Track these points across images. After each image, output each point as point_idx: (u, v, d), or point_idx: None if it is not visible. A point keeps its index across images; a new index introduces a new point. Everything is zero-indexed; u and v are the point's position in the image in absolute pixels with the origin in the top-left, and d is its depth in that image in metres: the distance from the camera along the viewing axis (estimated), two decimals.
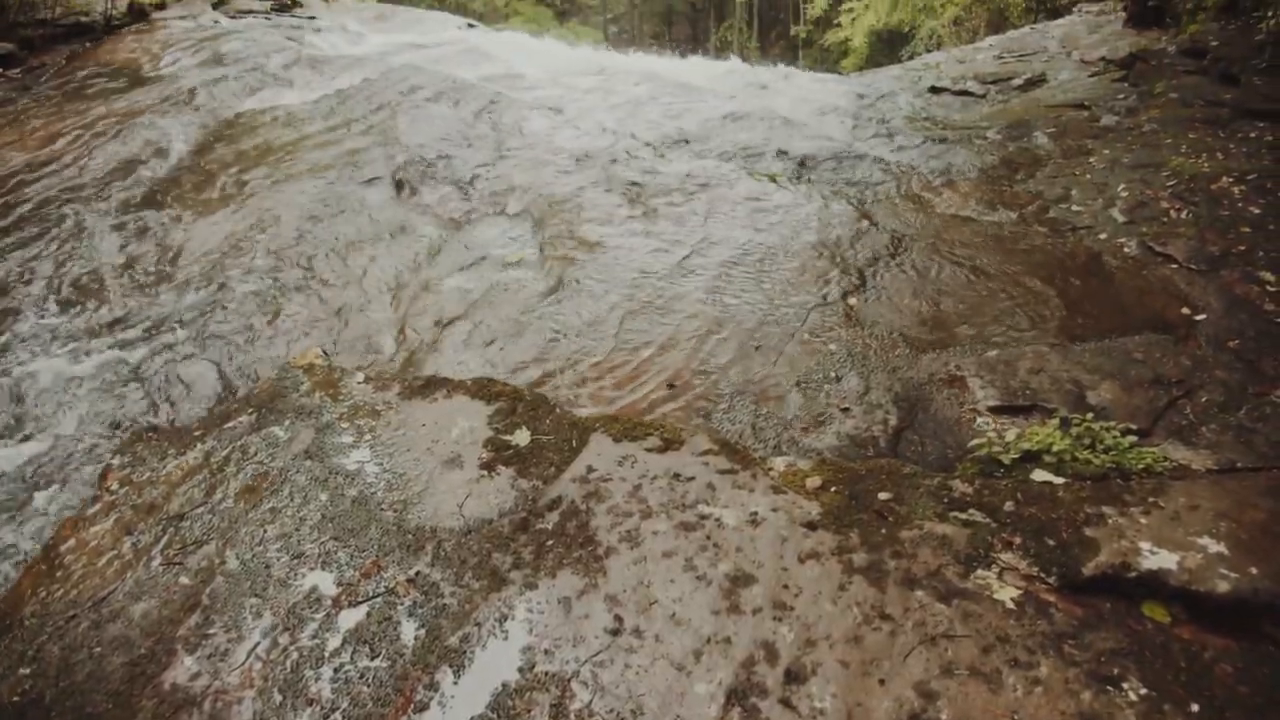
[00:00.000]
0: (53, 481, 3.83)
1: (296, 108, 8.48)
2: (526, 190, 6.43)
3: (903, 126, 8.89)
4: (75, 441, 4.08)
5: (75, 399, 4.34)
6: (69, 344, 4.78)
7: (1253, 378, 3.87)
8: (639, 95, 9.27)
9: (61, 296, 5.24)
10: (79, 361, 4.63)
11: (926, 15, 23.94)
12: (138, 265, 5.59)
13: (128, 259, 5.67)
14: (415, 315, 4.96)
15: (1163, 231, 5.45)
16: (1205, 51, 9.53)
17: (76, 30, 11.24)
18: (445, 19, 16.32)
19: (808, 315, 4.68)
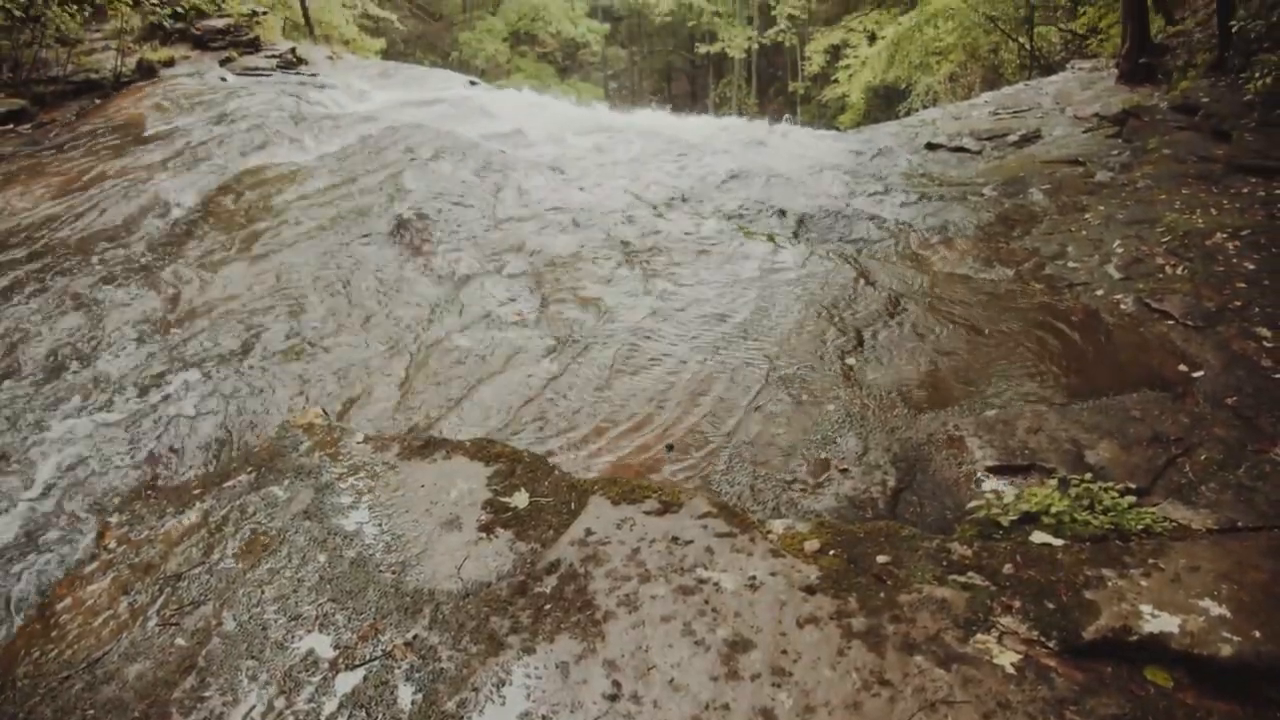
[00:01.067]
0: (50, 539, 3.81)
1: (300, 165, 8.57)
2: (526, 249, 6.49)
3: (900, 183, 8.98)
4: (74, 499, 4.07)
5: (74, 455, 4.34)
6: (70, 400, 4.78)
7: (1252, 435, 3.87)
8: (638, 153, 9.38)
9: (63, 352, 5.26)
10: (79, 418, 4.64)
11: (922, 72, 24.27)
12: (139, 322, 5.61)
13: (129, 316, 5.69)
14: (415, 374, 4.98)
15: (1159, 287, 5.48)
16: (1197, 108, 9.65)
17: (87, 86, 11.41)
18: (448, 76, 16.54)
19: (806, 375, 4.70)
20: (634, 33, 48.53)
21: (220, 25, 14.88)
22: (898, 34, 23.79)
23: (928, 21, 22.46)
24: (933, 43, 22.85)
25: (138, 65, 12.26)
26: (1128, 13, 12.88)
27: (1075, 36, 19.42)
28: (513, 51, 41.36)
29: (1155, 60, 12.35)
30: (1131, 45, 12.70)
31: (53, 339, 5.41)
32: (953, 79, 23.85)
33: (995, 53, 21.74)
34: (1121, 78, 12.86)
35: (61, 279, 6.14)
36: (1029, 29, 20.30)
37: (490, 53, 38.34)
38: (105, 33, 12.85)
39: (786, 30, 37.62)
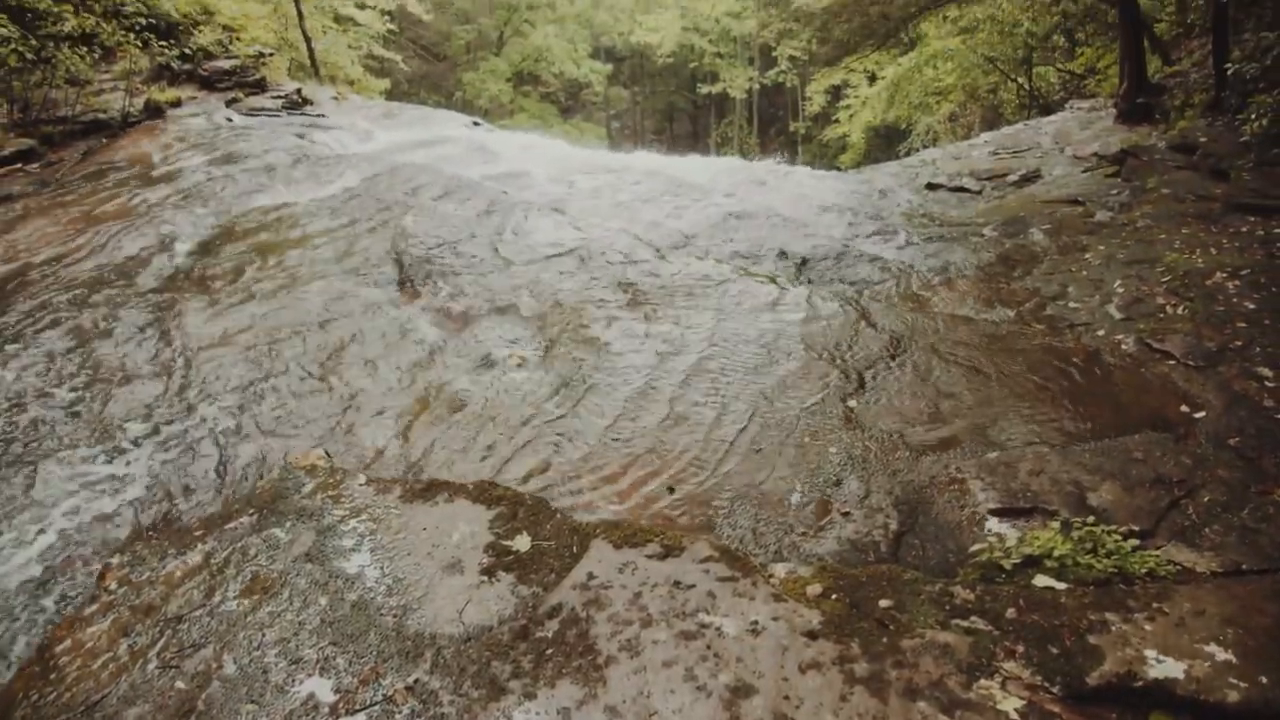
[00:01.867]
0: (51, 580, 3.80)
1: (304, 205, 8.62)
2: (530, 291, 6.51)
3: (901, 224, 9.02)
4: (75, 539, 4.06)
5: (76, 496, 4.33)
6: (72, 441, 4.78)
7: (1255, 476, 3.86)
8: (641, 194, 9.43)
9: (66, 392, 5.27)
10: (81, 459, 4.64)
11: (922, 112, 24.49)
12: (143, 362, 5.62)
13: (133, 356, 5.71)
14: (418, 416, 4.98)
15: (1160, 328, 5.49)
16: (1195, 147, 9.72)
17: (95, 126, 11.50)
18: (451, 117, 16.66)
19: (808, 417, 4.71)
20: (636, 73, 48.99)
21: (227, 66, 15.03)
22: (898, 75, 24.04)
23: (927, 62, 22.70)
24: (932, 83, 23.08)
25: (145, 105, 12.39)
26: (1125, 53, 13.02)
27: (1073, 76, 19.61)
28: (516, 91, 41.74)
29: (1153, 100, 12.46)
30: (1129, 85, 12.83)
31: (55, 379, 5.42)
32: (952, 119, 24.05)
33: (994, 93, 21.94)
34: (1120, 117, 12.97)
35: (66, 319, 6.16)
36: (1028, 69, 20.49)
37: (494, 93, 38.71)
38: (114, 73, 12.98)
39: (787, 71, 38.04)
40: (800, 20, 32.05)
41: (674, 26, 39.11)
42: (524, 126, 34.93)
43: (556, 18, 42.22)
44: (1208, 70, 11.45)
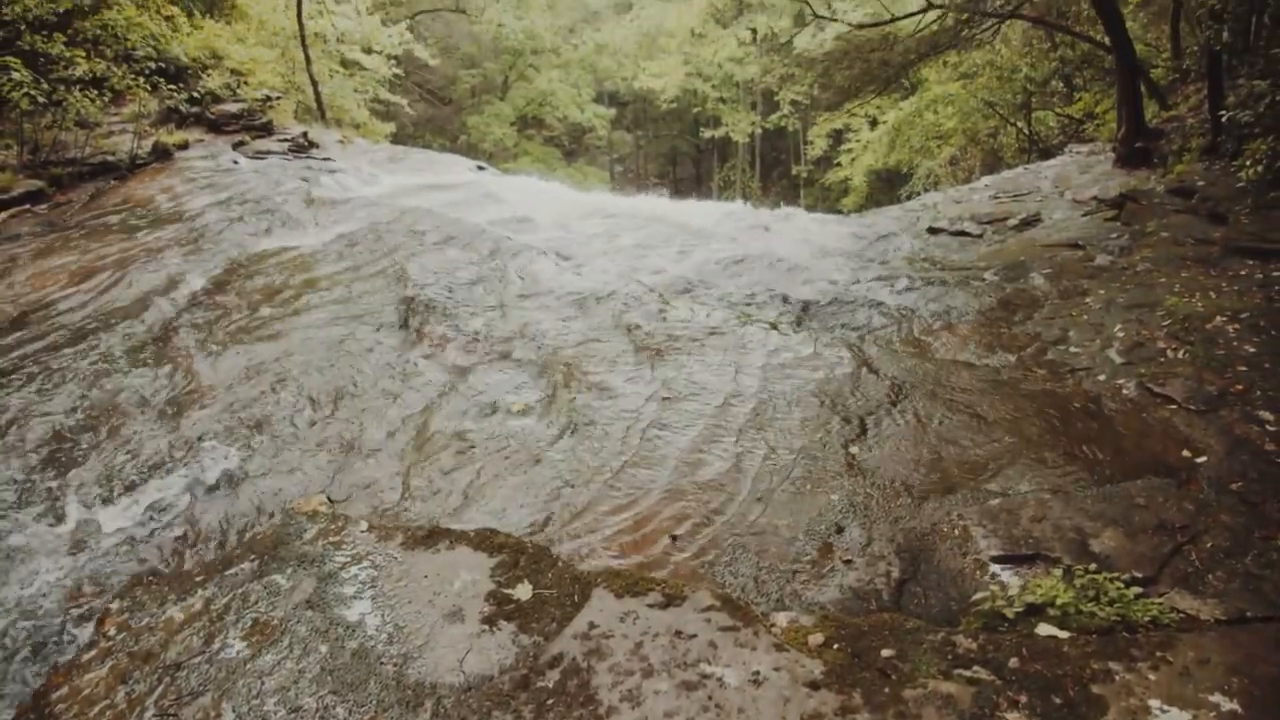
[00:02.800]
0: (49, 625, 3.79)
1: (309, 249, 8.68)
2: (533, 337, 6.55)
3: (902, 268, 9.07)
4: (74, 584, 4.06)
5: (76, 539, 4.33)
6: (73, 483, 4.79)
7: (1258, 522, 3.85)
8: (644, 239, 9.50)
9: (69, 435, 5.28)
10: (82, 501, 4.64)
11: (923, 156, 24.67)
12: (144, 406, 5.64)
13: (134, 400, 5.73)
14: (421, 463, 4.99)
15: (1160, 372, 5.50)
16: (1193, 191, 9.78)
17: (103, 168, 11.62)
18: (456, 161, 16.80)
19: (810, 463, 4.71)
20: (639, 117, 49.45)
21: (234, 110, 15.22)
22: (899, 119, 24.26)
23: (928, 107, 22.92)
24: (933, 127, 23.27)
25: (153, 148, 12.54)
26: (1123, 98, 13.13)
27: (1072, 121, 19.76)
28: (520, 135, 42.13)
29: (1151, 144, 12.55)
30: (1127, 130, 12.92)
31: (59, 421, 5.44)
32: (953, 162, 24.22)
33: (994, 137, 22.10)
34: (1118, 161, 13.06)
35: (69, 361, 6.19)
36: (1027, 114, 20.66)
37: (498, 136, 39.06)
38: (123, 116, 13.15)
39: (789, 115, 38.37)
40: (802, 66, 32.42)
41: (677, 72, 39.53)
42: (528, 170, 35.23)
43: (561, 63, 42.76)
44: (1204, 115, 11.55)
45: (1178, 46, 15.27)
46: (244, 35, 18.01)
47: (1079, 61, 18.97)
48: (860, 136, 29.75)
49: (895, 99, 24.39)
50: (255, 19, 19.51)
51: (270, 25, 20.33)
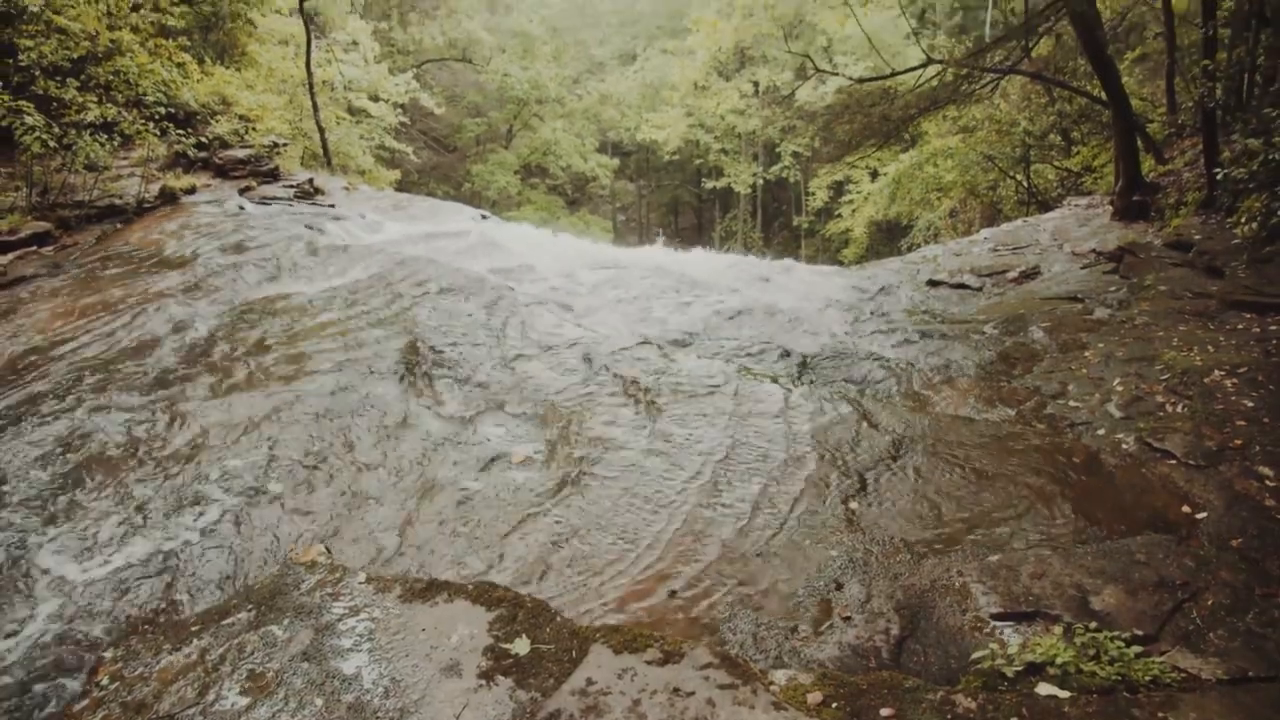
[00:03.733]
0: (41, 674, 3.76)
1: (312, 296, 8.71)
2: (534, 388, 6.57)
3: (902, 321, 9.10)
4: (68, 632, 4.03)
5: (71, 587, 4.31)
6: (70, 530, 4.78)
7: (1259, 579, 3.85)
8: (645, 290, 9.55)
9: (66, 480, 5.27)
10: (78, 549, 4.62)
11: (924, 208, 24.83)
12: (145, 452, 5.64)
13: (135, 444, 5.73)
14: (419, 514, 4.99)
15: (1159, 427, 5.51)
16: (1190, 245, 9.85)
17: (110, 211, 11.72)
18: (460, 209, 16.89)
19: (809, 519, 4.71)
20: (642, 167, 49.92)
21: (242, 155, 15.38)
22: (899, 172, 24.48)
23: (928, 160, 23.12)
24: (933, 180, 23.45)
25: (160, 192, 12.66)
26: (1119, 153, 13.26)
27: (1070, 174, 19.93)
28: (523, 184, 42.48)
29: (1148, 198, 12.65)
30: (1125, 183, 13.04)
31: (57, 466, 5.43)
32: (953, 215, 24.38)
33: (994, 189, 22.26)
34: (1116, 214, 13.15)
35: (69, 405, 6.21)
36: (1026, 167, 20.84)
37: (502, 185, 39.38)
38: (132, 160, 13.31)
39: (790, 166, 38.74)
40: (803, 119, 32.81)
41: (679, 124, 39.96)
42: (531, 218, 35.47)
43: (565, 113, 43.21)
44: (1199, 170, 11.67)
45: (1173, 102, 15.45)
46: (253, 82, 18.28)
47: (1076, 116, 19.19)
48: (861, 188, 30.00)
49: (896, 151, 24.61)
50: (265, 66, 19.83)
51: (279, 73, 20.66)
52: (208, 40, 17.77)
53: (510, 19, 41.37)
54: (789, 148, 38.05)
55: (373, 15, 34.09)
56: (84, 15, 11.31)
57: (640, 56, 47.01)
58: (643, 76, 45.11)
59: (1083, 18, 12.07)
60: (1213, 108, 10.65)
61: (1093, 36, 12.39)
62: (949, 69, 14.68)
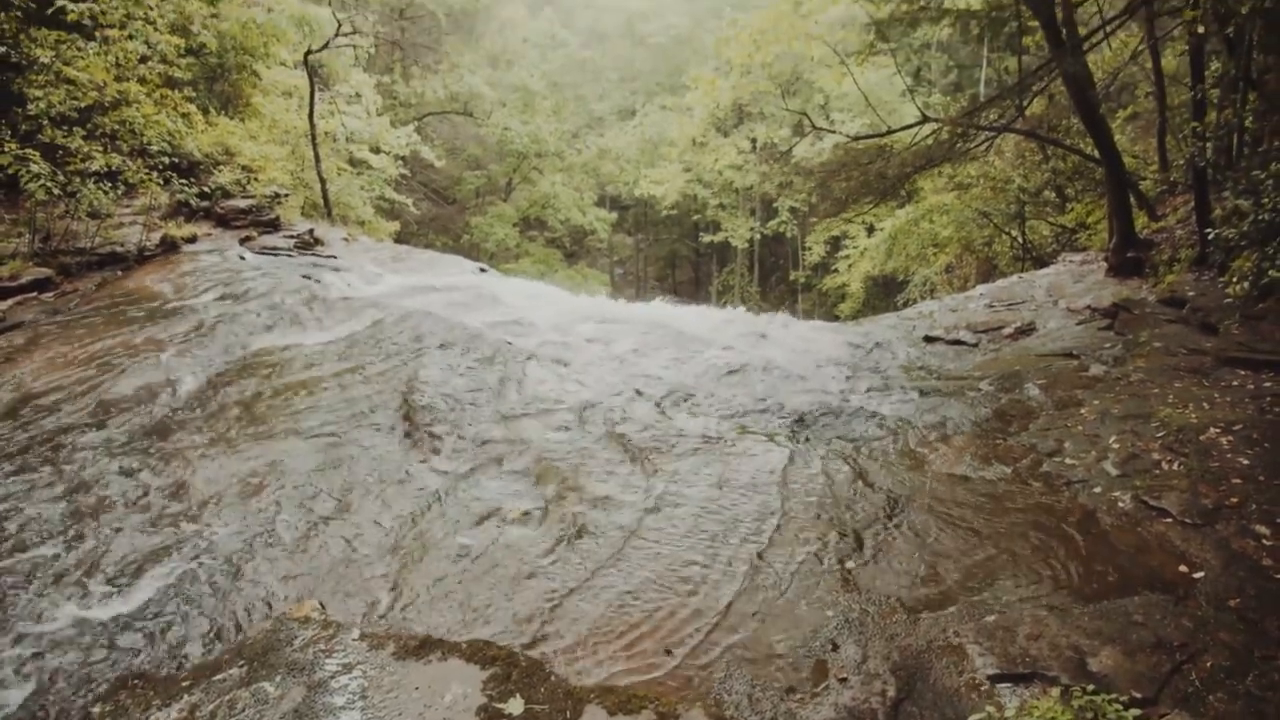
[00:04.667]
0: None
1: (311, 348, 8.74)
2: (530, 444, 6.57)
3: (898, 377, 9.13)
4: (58, 685, 4.00)
5: (61, 640, 4.28)
6: (60, 582, 4.75)
7: (1258, 640, 3.83)
8: (642, 345, 9.58)
9: (58, 531, 5.26)
10: (69, 601, 4.60)
11: (920, 263, 25.01)
12: (139, 503, 5.63)
13: (130, 496, 5.72)
14: (415, 570, 4.97)
15: (1155, 485, 5.51)
16: (1184, 301, 9.93)
17: (111, 258, 11.84)
18: (458, 262, 17.00)
19: (806, 578, 4.70)
20: (640, 221, 50.28)
21: (243, 205, 15.52)
22: (895, 227, 24.67)
23: (924, 216, 23.32)
24: (929, 236, 23.64)
25: (161, 240, 12.80)
26: (1113, 209, 13.41)
27: (1065, 230, 20.09)
28: (522, 236, 42.77)
29: (1142, 254, 12.77)
30: (1118, 240, 13.16)
31: (49, 516, 5.42)
32: (949, 270, 24.55)
33: (989, 245, 22.44)
34: (1111, 271, 13.26)
35: (63, 454, 6.22)
36: (1021, 223, 21.01)
37: (500, 237, 39.64)
38: (134, 208, 13.47)
39: (788, 221, 39.04)
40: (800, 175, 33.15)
41: (678, 180, 40.33)
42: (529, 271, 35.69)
43: (564, 167, 43.63)
44: (1192, 227, 11.80)
45: (1165, 159, 15.66)
46: (256, 133, 18.51)
47: (1070, 173, 19.39)
48: (858, 243, 30.21)
49: (892, 207, 24.81)
50: (268, 117, 20.07)
51: (282, 124, 20.91)
52: (213, 91, 18.04)
53: (511, 74, 41.94)
54: (786, 203, 38.40)
55: (376, 69, 34.57)
56: (93, 66, 11.51)
57: (639, 112, 47.55)
58: (642, 132, 45.59)
59: (1075, 78, 12.26)
60: (1203, 167, 10.80)
61: (1085, 96, 12.58)
62: (945, 127, 14.86)
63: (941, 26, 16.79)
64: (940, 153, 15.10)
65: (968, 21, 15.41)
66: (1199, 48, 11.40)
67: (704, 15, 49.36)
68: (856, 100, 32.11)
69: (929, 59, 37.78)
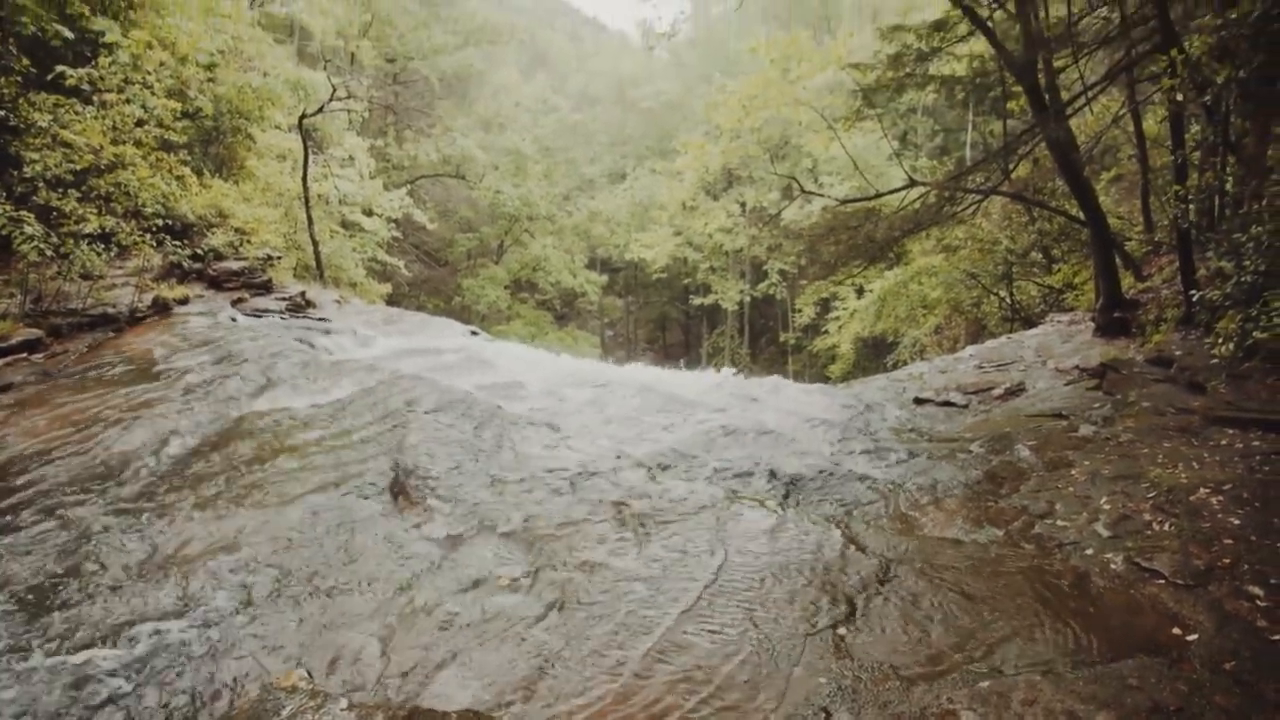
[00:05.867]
0: None
1: (301, 411, 8.73)
2: (521, 511, 6.55)
3: (889, 440, 9.15)
4: None
5: (40, 707, 4.21)
6: (41, 644, 4.69)
7: (1254, 704, 3.82)
8: (632, 410, 9.60)
9: (41, 593, 5.20)
10: (49, 667, 4.53)
11: (909, 324, 25.20)
12: (124, 568, 5.57)
13: (113, 559, 5.66)
14: (404, 637, 4.93)
15: (1147, 546, 5.52)
16: (1171, 361, 10.01)
17: (102, 320, 11.89)
18: (449, 325, 17.09)
19: (797, 646, 4.67)
20: (630, 284, 50.69)
21: (235, 267, 15.64)
22: (884, 289, 24.93)
23: (912, 278, 23.60)
24: (918, 297, 23.87)
25: (153, 301, 12.90)
26: (1099, 270, 13.58)
27: (1052, 291, 20.32)
28: (513, 298, 43.11)
29: (1128, 315, 12.91)
30: (1105, 300, 13.32)
31: (31, 578, 5.37)
32: (938, 331, 24.75)
33: (978, 306, 22.66)
34: (1098, 331, 13.39)
35: (48, 516, 6.18)
36: (1008, 284, 21.25)
37: (492, 299, 39.94)
38: (127, 270, 13.58)
39: (777, 284, 39.37)
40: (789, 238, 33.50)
41: (668, 243, 40.80)
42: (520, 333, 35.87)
43: (555, 229, 44.12)
44: (1177, 287, 11.94)
45: (1149, 220, 15.90)
46: (250, 195, 18.75)
47: (1057, 234, 19.68)
48: (847, 305, 30.49)
49: (881, 269, 25.10)
50: (262, 180, 20.33)
51: (276, 186, 21.16)
52: (208, 153, 18.27)
53: (504, 137, 42.60)
54: (776, 265, 38.79)
55: (369, 132, 35.09)
56: (90, 130, 11.70)
57: (630, 175, 48.24)
58: (632, 195, 46.20)
59: (1059, 142, 12.51)
60: (1186, 229, 10.98)
61: (1069, 159, 12.83)
62: (932, 191, 15.10)
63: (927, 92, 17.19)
64: (928, 216, 15.34)
65: (953, 87, 15.78)
66: (1178, 114, 11.65)
67: (694, 81, 50.35)
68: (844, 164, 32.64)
69: (915, 123, 38.48)
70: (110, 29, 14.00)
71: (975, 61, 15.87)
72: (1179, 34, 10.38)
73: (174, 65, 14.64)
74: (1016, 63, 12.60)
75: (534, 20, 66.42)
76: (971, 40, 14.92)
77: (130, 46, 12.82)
